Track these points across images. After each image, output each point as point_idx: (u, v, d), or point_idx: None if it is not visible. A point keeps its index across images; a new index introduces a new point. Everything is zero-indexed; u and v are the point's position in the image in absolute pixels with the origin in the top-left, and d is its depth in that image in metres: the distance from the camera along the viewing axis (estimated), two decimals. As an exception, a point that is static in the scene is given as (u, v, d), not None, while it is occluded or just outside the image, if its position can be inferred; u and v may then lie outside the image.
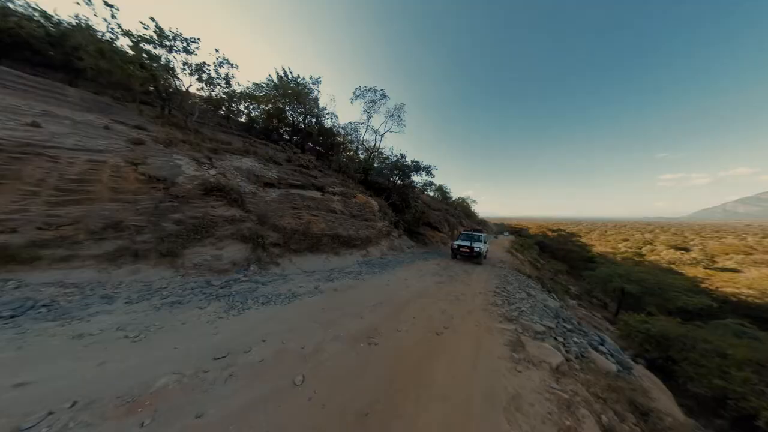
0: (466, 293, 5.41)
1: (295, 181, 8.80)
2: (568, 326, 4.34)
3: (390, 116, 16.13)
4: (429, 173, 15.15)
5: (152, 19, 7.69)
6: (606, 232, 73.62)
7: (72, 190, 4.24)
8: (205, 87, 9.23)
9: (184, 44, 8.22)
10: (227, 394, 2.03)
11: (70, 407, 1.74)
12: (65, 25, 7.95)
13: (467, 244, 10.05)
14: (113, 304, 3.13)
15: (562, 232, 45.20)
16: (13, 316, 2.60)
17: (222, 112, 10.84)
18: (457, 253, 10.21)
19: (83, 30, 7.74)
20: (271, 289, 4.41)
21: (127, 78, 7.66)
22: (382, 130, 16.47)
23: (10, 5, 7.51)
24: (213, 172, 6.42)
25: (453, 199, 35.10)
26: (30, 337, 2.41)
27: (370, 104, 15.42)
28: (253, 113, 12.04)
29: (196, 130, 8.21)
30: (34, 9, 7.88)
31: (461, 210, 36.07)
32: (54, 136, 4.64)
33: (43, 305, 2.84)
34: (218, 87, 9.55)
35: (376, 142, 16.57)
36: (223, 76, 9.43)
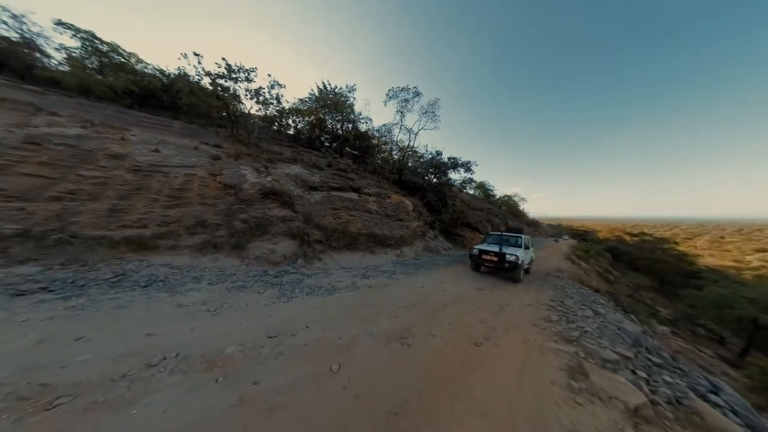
0: (511, 303, 4.84)
1: (335, 184, 9.50)
2: (656, 359, 3.37)
3: (424, 113, 15.78)
4: (468, 169, 14.12)
5: (223, 59, 9.52)
6: (722, 237, 54.22)
7: (176, 197, 5.57)
8: (261, 107, 10.88)
9: (246, 75, 9.87)
10: (277, 369, 2.32)
11: (174, 356, 2.29)
12: (172, 75, 10.58)
13: (494, 249, 6.81)
14: (200, 284, 3.97)
15: (647, 237, 34.22)
16: (145, 286, 3.57)
17: (274, 127, 12.59)
18: (479, 263, 7.05)
19: (182, 77, 10.14)
20: (314, 282, 4.84)
21: (208, 108, 9.69)
22: (416, 129, 16.27)
23: (145, 69, 10.49)
24: (269, 178, 7.47)
25: (497, 197, 31.84)
26: (153, 302, 3.26)
27: (403, 104, 15.41)
28: (299, 125, 13.58)
29: (256, 144, 9.73)
30: (156, 69, 10.76)
31: (507, 209, 32.36)
32: (166, 158, 6.20)
33: (161, 280, 3.82)
34: (271, 106, 11.12)
35: (410, 141, 16.46)
36: (274, 96, 10.93)
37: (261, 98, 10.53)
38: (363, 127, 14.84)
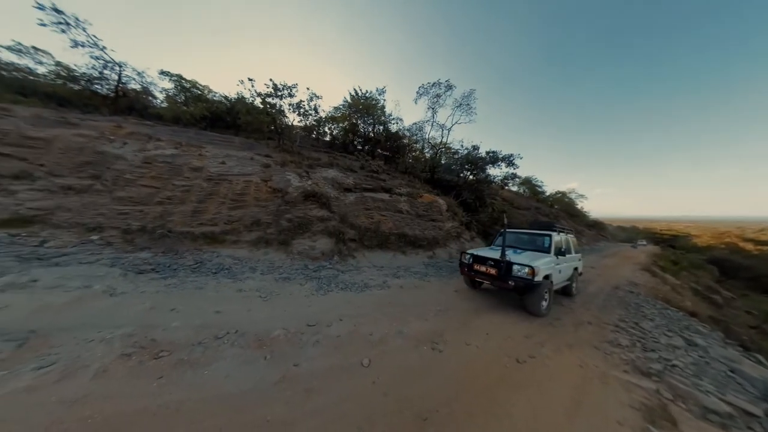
0: (563, 319, 4.18)
1: (368, 185, 9.84)
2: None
3: (457, 107, 14.97)
4: (510, 164, 12.77)
5: (271, 80, 10.91)
6: None
7: (237, 200, 6.61)
8: (302, 118, 12.06)
9: (288, 91, 11.10)
10: (314, 356, 2.52)
11: (234, 333, 2.71)
12: (233, 99, 12.66)
13: (494, 255, 4.26)
14: (255, 274, 4.60)
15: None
16: (215, 273, 4.34)
17: (313, 135, 13.79)
18: (473, 275, 4.50)
19: (240, 100, 12.04)
20: (348, 278, 5.08)
21: (260, 124, 11.23)
22: (449, 124, 15.56)
23: (214, 98, 12.86)
24: (309, 182, 8.21)
25: (547, 194, 27.82)
26: (220, 286, 3.93)
27: (435, 99, 14.91)
28: (334, 132, 14.57)
29: (298, 152, 10.81)
30: (221, 96, 13.08)
31: (560, 208, 27.86)
32: (230, 168, 7.42)
33: (226, 268, 4.58)
34: (310, 116, 12.22)
35: (442, 137, 15.81)
36: (313, 107, 11.98)
37: (301, 110, 11.67)
38: (393, 128, 14.99)
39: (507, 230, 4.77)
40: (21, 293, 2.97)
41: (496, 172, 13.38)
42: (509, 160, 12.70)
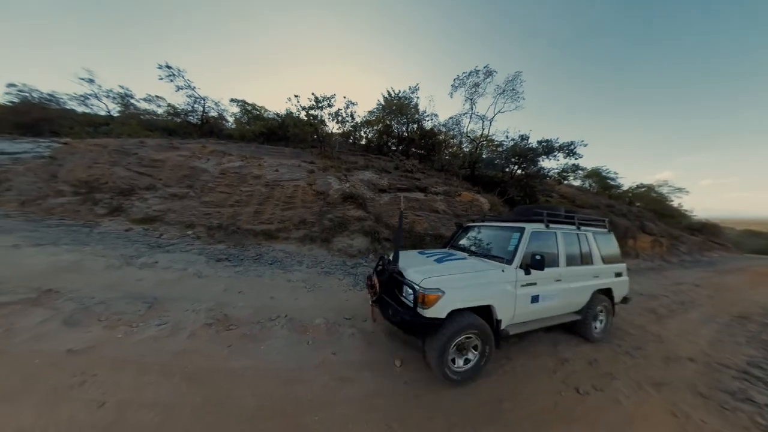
0: (646, 348, 3.26)
1: (402, 185, 9.87)
2: None
3: (500, 93, 13.49)
4: (570, 153, 10.91)
5: (313, 94, 12.08)
6: None
7: (288, 202, 7.51)
8: (340, 126, 12.97)
9: (328, 102, 12.09)
10: (350, 347, 2.66)
11: (284, 317, 3.07)
12: (282, 115, 14.54)
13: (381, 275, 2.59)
14: (301, 267, 5.13)
15: None
16: (270, 264, 5.03)
17: (350, 140, 14.64)
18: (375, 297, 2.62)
19: (288, 115, 13.73)
20: None
21: (304, 134, 12.55)
22: (490, 114, 14.20)
23: (269, 116, 15.01)
24: (347, 185, 8.75)
25: (622, 188, 21.47)
26: (274, 276, 4.51)
27: (473, 89, 13.81)
28: (369, 135, 15.15)
29: (337, 157, 11.65)
30: (275, 114, 15.18)
31: (643, 205, 19.91)
32: (282, 175, 8.50)
33: (278, 261, 5.25)
34: (347, 123, 13.04)
35: (483, 129, 14.51)
36: (349, 114, 12.76)
37: (339, 118, 12.57)
38: (428, 125, 14.63)
39: (465, 224, 3.48)
40: (149, 270, 4.04)
41: (551, 164, 11.64)
42: (569, 149, 10.87)
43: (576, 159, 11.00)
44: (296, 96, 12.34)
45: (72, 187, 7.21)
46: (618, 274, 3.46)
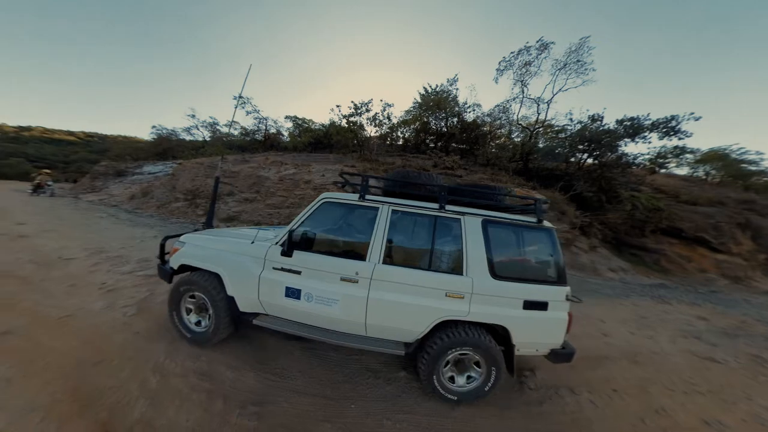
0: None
1: (440, 181, 9.54)
2: None
3: (561, 68, 11.44)
4: (671, 131, 8.34)
5: (352, 102, 12.83)
6: None
7: (332, 203, 8.19)
8: (377, 129, 13.40)
9: (365, 107, 12.64)
10: None
11: None
12: (326, 125, 15.95)
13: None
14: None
15: None
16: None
17: (387, 142, 14.95)
18: None
19: (332, 125, 14.99)
20: None
21: (346, 141, 13.43)
22: (547, 95, 12.27)
23: (315, 127, 16.73)
24: (384, 184, 8.99)
25: None
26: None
27: (523, 70, 12.16)
28: (406, 135, 15.15)
29: (376, 159, 12.07)
30: (320, 124, 16.82)
31: None
32: (328, 179, 9.31)
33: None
34: (384, 125, 13.36)
35: (538, 114, 12.62)
36: (386, 116, 13.04)
37: (377, 121, 12.98)
38: (469, 117, 13.66)
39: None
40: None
41: (639, 148, 9.17)
42: (667, 128, 8.37)
43: (681, 139, 8.31)
44: (338, 106, 13.36)
45: (183, 195, 9.68)
46: (534, 305, 1.83)
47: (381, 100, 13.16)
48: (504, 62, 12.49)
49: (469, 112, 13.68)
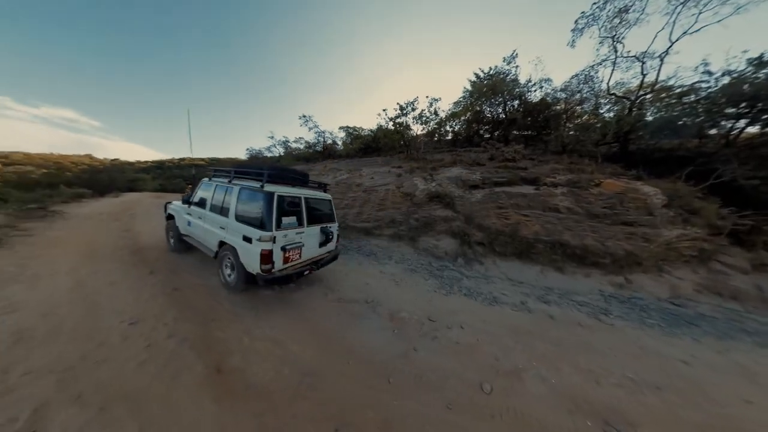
0: None
1: (500, 178, 8.38)
2: None
3: (682, 3, 8.00)
4: None
5: (398, 104, 12.91)
6: None
7: (381, 204, 8.51)
8: (424, 126, 13.04)
9: (411, 107, 12.49)
10: (431, 347, 2.66)
11: (372, 301, 3.52)
12: (374, 130, 16.64)
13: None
14: (391, 261, 5.63)
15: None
16: (368, 255, 5.89)
17: (435, 138, 14.35)
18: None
19: (380, 128, 15.59)
20: (473, 285, 4.63)
21: (393, 142, 13.70)
22: (659, 47, 8.99)
23: (364, 133, 17.78)
24: (433, 184, 8.64)
25: None
26: (370, 265, 5.22)
27: (615, 20, 9.13)
28: (456, 128, 14.11)
29: (423, 158, 11.80)
30: (369, 130, 17.73)
31: None
32: (376, 181, 9.78)
33: (374, 254, 6.07)
34: (431, 122, 12.86)
35: (644, 74, 9.19)
36: (433, 111, 12.52)
37: (423, 118, 12.65)
38: (535, 96, 11.45)
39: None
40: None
41: None
42: None
43: None
44: (384, 110, 13.81)
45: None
46: (246, 239, 3.15)
47: (427, 97, 12.76)
48: (584, 17, 9.62)
49: (534, 90, 11.45)
